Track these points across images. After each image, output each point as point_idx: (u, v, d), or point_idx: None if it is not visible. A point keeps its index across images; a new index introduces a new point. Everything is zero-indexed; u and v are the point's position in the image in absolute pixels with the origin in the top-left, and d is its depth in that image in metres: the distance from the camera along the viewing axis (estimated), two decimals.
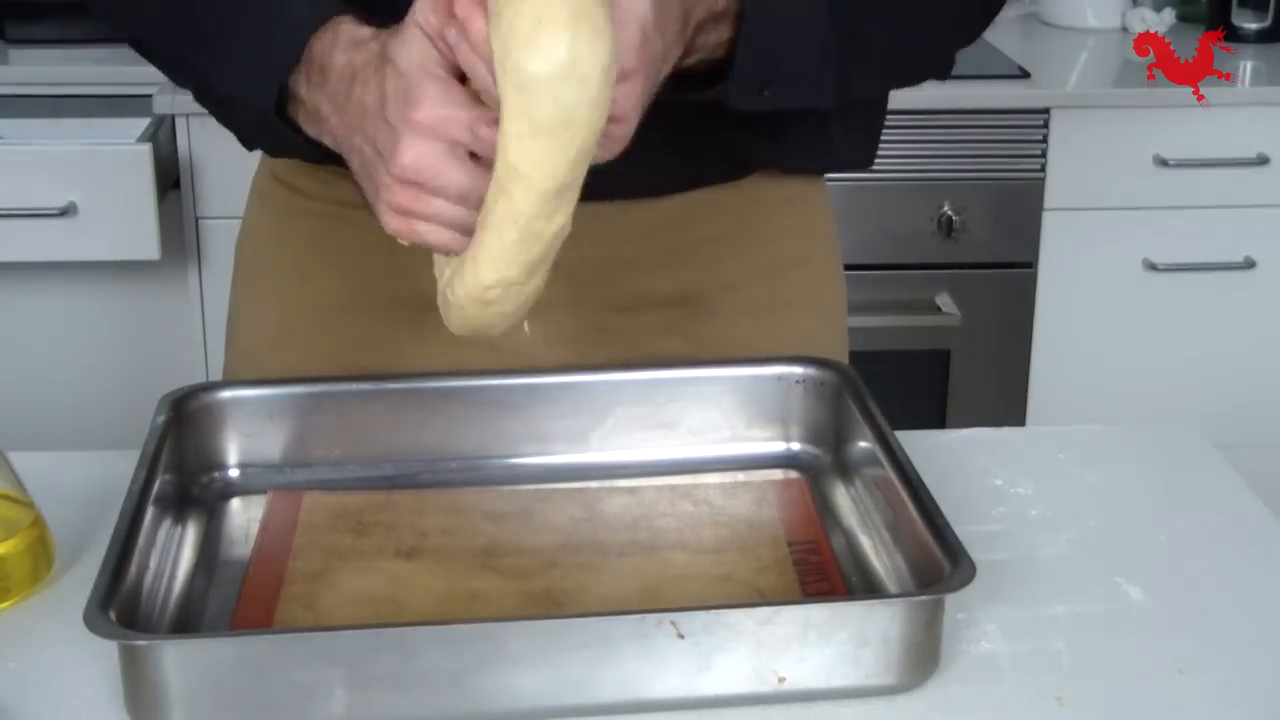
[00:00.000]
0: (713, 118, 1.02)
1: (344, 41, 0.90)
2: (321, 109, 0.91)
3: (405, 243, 0.88)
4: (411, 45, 0.84)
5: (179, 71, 1.06)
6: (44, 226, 2.11)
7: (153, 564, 0.90)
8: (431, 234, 0.86)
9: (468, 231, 0.86)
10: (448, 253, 0.88)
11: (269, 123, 0.94)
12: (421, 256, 1.10)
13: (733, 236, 1.13)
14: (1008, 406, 2.36)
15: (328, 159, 0.94)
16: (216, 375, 1.25)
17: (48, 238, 2.12)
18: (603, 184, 1.07)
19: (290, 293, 1.14)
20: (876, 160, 1.22)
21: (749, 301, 1.13)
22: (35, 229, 2.12)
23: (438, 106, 0.83)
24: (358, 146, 0.88)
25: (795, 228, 1.16)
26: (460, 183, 0.84)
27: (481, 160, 0.84)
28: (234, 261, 1.21)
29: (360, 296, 1.11)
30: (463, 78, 0.84)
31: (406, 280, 1.10)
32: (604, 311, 1.11)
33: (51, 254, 2.16)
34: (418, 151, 0.83)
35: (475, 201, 0.84)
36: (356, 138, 0.88)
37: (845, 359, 1.17)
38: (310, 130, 0.93)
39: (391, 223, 0.87)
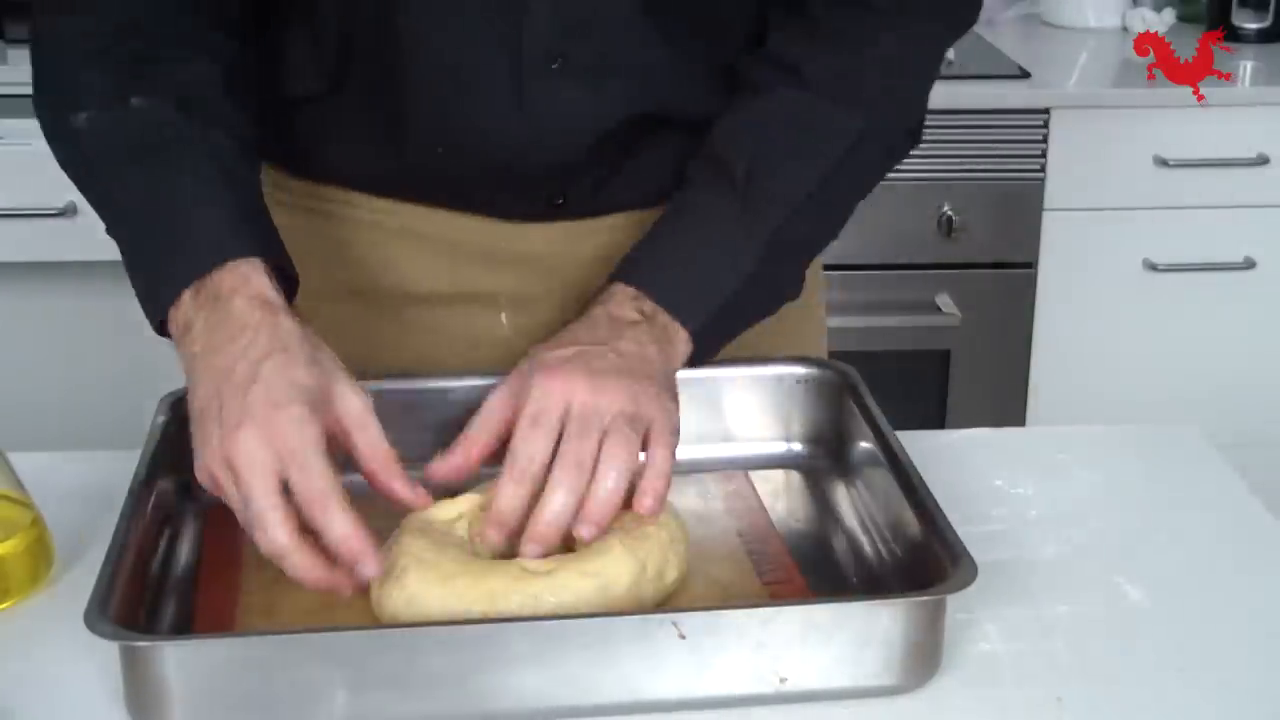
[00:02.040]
0: (694, 144, 1.05)
1: (244, 297, 0.89)
2: (194, 328, 0.89)
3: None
4: (306, 427, 0.83)
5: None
6: (44, 226, 2.11)
7: (153, 564, 0.90)
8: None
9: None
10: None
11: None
12: (403, 249, 1.11)
13: None
14: (1008, 406, 2.36)
15: None
16: None
17: (48, 238, 2.12)
18: (584, 206, 1.09)
19: None
20: None
21: None
22: (35, 229, 2.12)
23: (297, 464, 0.82)
24: (204, 411, 0.86)
25: None
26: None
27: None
28: None
29: (341, 288, 1.12)
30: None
31: (387, 272, 1.11)
32: (581, 303, 1.11)
33: (51, 254, 2.16)
34: (260, 479, 0.82)
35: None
36: (212, 405, 0.85)
37: (822, 351, 1.18)
38: (174, 330, 0.92)
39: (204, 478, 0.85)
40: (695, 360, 1.00)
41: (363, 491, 0.87)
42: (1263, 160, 2.27)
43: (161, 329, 0.93)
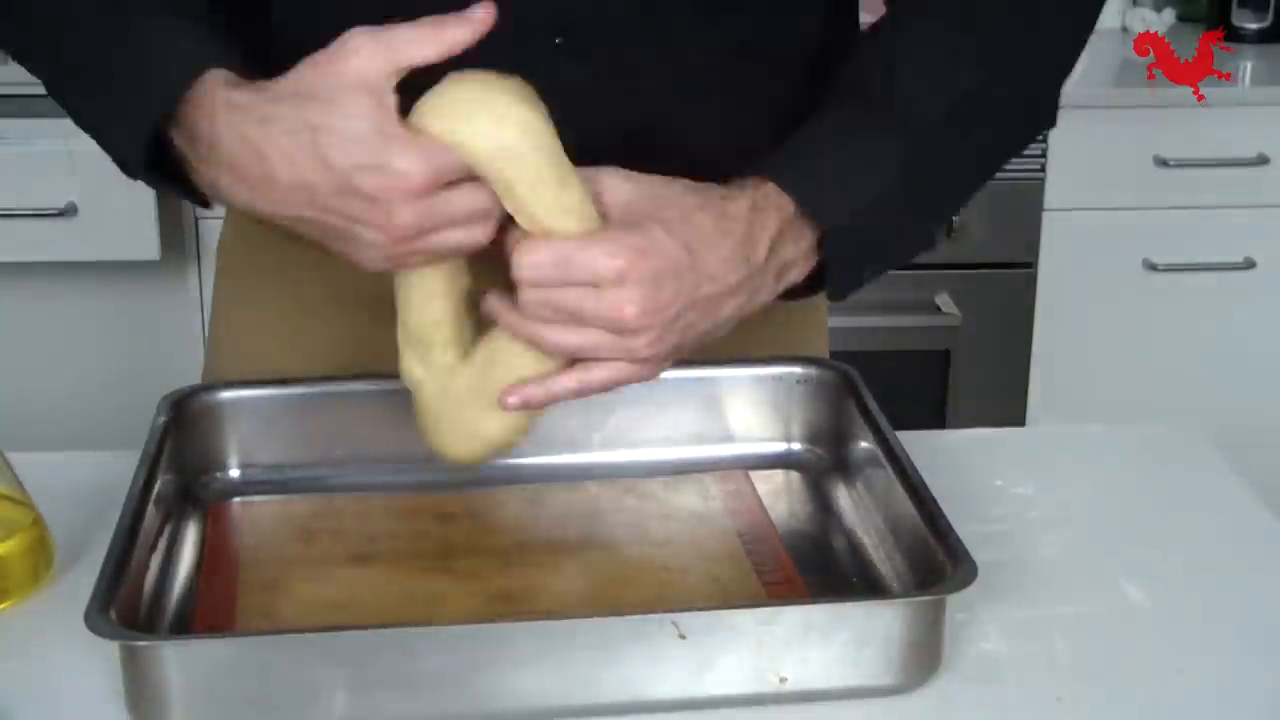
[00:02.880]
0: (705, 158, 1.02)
1: (222, 106, 0.86)
2: (220, 181, 0.87)
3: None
4: (355, 106, 0.83)
5: (48, 88, 0.99)
6: (44, 226, 2.11)
7: (153, 564, 0.90)
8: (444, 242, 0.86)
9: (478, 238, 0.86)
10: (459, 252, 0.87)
11: (133, 168, 0.91)
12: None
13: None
14: (1008, 406, 2.36)
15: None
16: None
17: (48, 238, 2.12)
18: None
19: (271, 290, 1.13)
20: None
21: None
22: (35, 229, 2.12)
23: (416, 163, 0.82)
24: (314, 220, 0.86)
25: None
26: (465, 207, 0.84)
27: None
28: (216, 259, 1.21)
29: (342, 294, 1.11)
30: None
31: (388, 278, 1.10)
32: None
33: (51, 254, 2.16)
34: (415, 211, 0.83)
35: (475, 226, 0.85)
36: (307, 212, 0.85)
37: (825, 352, 1.17)
38: (204, 186, 0.90)
39: (386, 265, 0.87)
40: (832, 287, 0.96)
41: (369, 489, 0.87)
42: (1263, 160, 2.27)
43: (133, 164, 0.91)
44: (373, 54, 0.84)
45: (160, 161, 0.90)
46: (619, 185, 0.90)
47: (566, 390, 0.89)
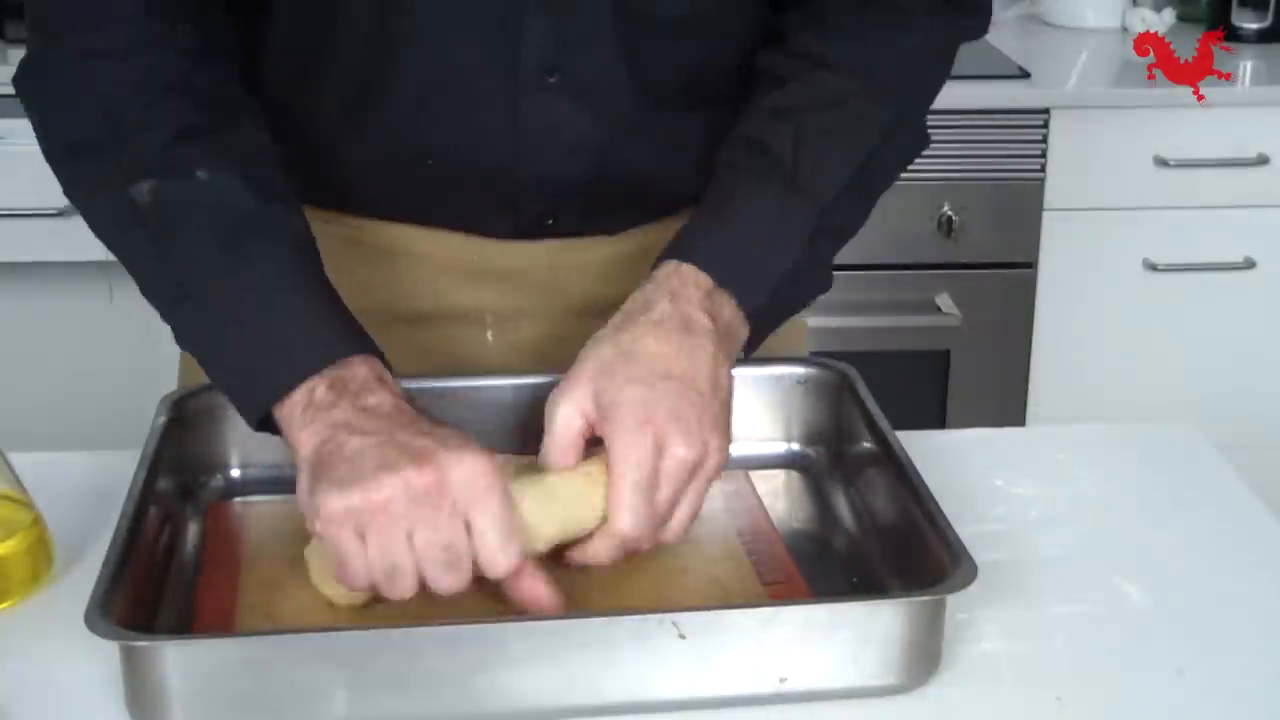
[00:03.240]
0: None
1: (388, 394, 0.87)
2: (333, 401, 0.86)
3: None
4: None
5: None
6: (44, 226, 2.11)
7: (153, 564, 0.90)
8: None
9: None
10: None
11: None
12: (405, 269, 1.10)
13: None
14: (1008, 406, 2.36)
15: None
16: None
17: (48, 238, 2.12)
18: (574, 226, 1.08)
19: None
20: None
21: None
22: (35, 229, 2.12)
23: (512, 556, 0.83)
24: (375, 505, 0.82)
25: None
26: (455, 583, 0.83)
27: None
28: None
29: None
30: None
31: (370, 293, 1.10)
32: (566, 318, 1.11)
33: (51, 254, 2.16)
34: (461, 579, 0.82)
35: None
36: (384, 492, 0.81)
37: (799, 340, 1.19)
38: (291, 410, 0.88)
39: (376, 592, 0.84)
40: (753, 345, 1.00)
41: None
42: (1263, 160, 2.27)
43: (260, 416, 0.90)
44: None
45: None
46: (569, 410, 0.90)
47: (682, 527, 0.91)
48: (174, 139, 0.92)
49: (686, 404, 0.89)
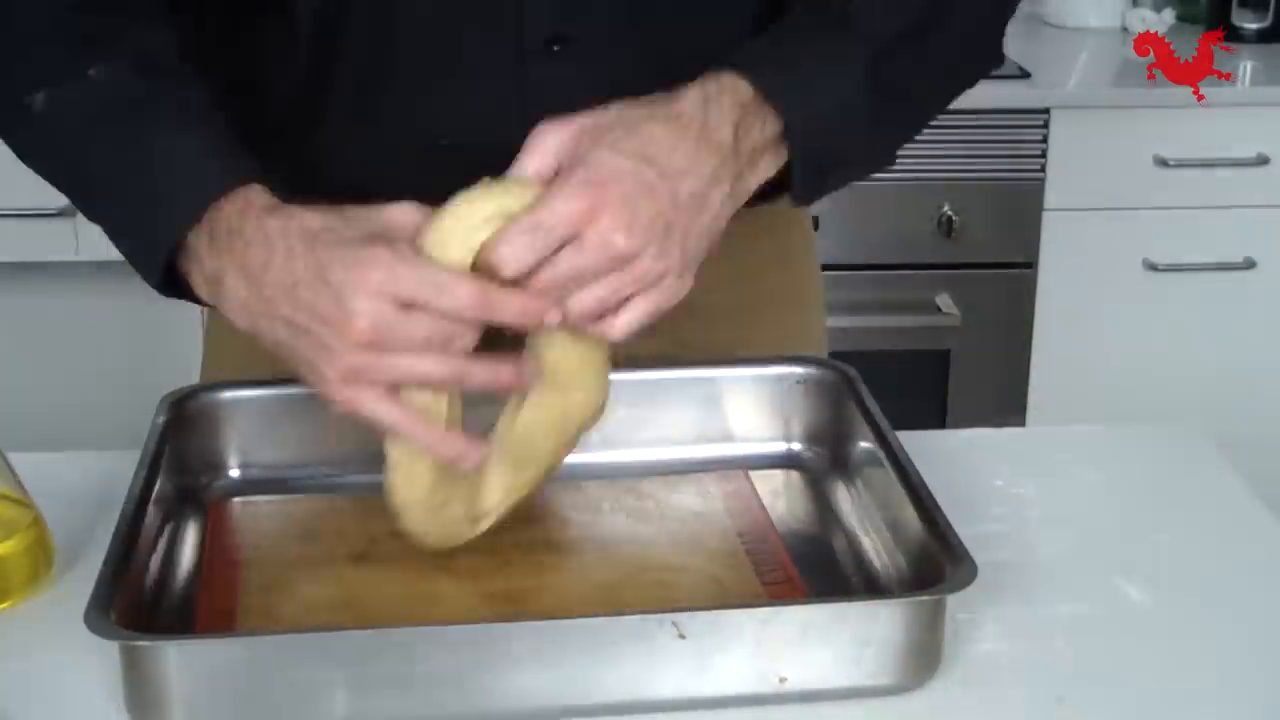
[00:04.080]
0: None
1: (257, 208, 0.87)
2: (226, 277, 0.86)
3: (348, 413, 0.85)
4: (366, 224, 0.84)
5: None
6: (44, 226, 2.11)
7: (153, 564, 0.90)
8: (383, 407, 0.84)
9: (427, 388, 0.85)
10: (396, 428, 0.85)
11: (153, 273, 0.91)
12: None
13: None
14: (1008, 406, 2.36)
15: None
16: None
17: (48, 238, 2.12)
18: None
19: None
20: None
21: (728, 303, 1.12)
22: (35, 229, 2.12)
23: (390, 270, 0.82)
24: (285, 318, 0.84)
25: (771, 229, 1.15)
26: (424, 333, 0.82)
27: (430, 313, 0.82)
28: None
29: None
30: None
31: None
32: None
33: (51, 254, 2.16)
34: (373, 310, 0.81)
35: (433, 357, 0.83)
36: (284, 309, 0.84)
37: (821, 346, 1.17)
38: (206, 297, 0.89)
39: (342, 392, 0.83)
40: (796, 189, 0.94)
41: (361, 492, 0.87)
42: (1263, 160, 2.27)
43: (165, 282, 0.90)
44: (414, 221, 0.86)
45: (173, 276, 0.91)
46: (551, 136, 0.88)
47: (618, 332, 0.87)
48: (70, 48, 0.93)
49: (650, 200, 0.84)
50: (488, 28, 1.00)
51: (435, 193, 1.08)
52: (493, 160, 1.04)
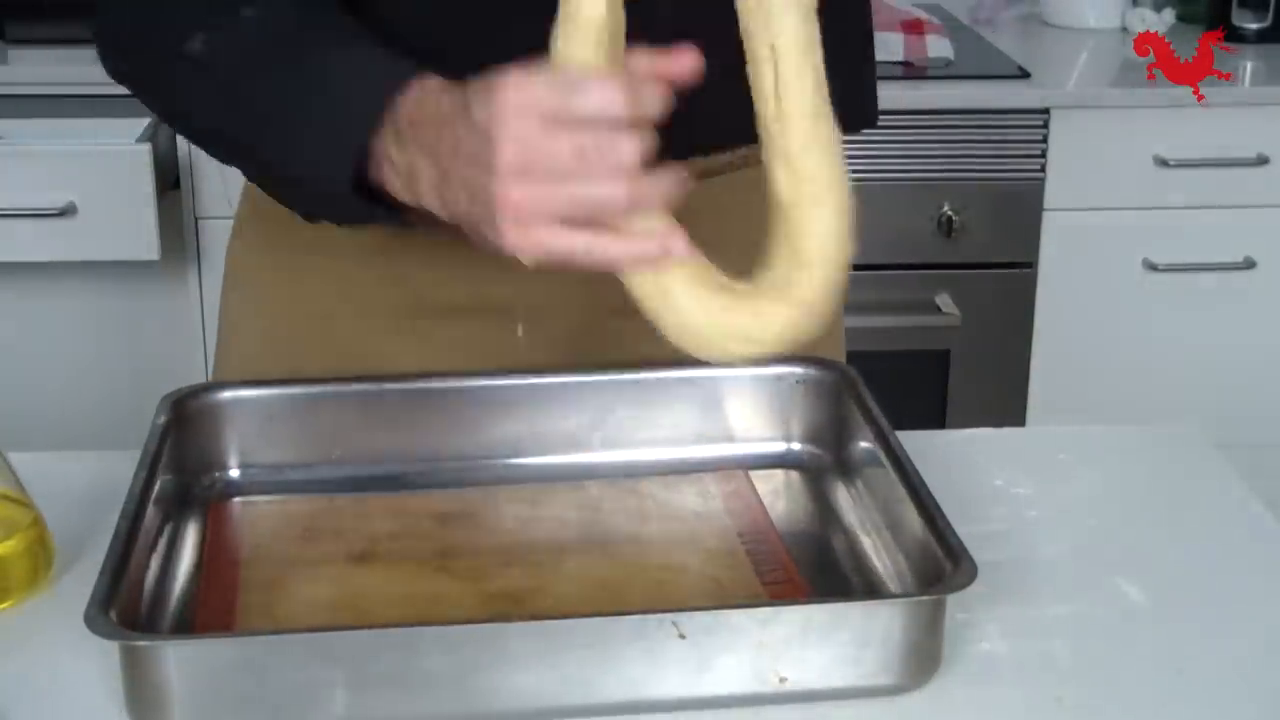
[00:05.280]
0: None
1: (432, 90, 0.86)
2: (417, 165, 0.85)
3: (532, 265, 0.82)
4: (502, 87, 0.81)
5: (230, 153, 0.99)
6: (44, 226, 2.11)
7: (153, 564, 0.90)
8: (561, 239, 0.81)
9: (595, 220, 0.81)
10: (590, 255, 0.82)
11: (343, 199, 0.89)
12: (414, 261, 1.09)
13: (726, 241, 1.13)
14: (1008, 406, 2.36)
15: (408, 225, 0.91)
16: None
17: (47, 238, 2.12)
18: None
19: (281, 300, 1.13)
20: (876, 160, 1.21)
21: None
22: (35, 229, 2.12)
23: (521, 88, 0.79)
24: (460, 178, 0.82)
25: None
26: (573, 146, 0.79)
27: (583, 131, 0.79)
28: (224, 267, 1.20)
29: (353, 304, 1.10)
30: None
31: (399, 287, 1.10)
32: (598, 315, 1.11)
33: (51, 254, 2.16)
34: (516, 133, 0.78)
35: (597, 175, 0.79)
36: (456, 172, 0.82)
37: (842, 359, 1.16)
38: (405, 194, 0.87)
39: (514, 238, 0.81)
40: None
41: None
42: (1263, 160, 2.27)
43: (355, 192, 0.88)
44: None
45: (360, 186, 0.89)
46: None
47: None
48: None
49: None
50: (538, 14, 0.99)
51: None
52: None
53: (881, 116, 1.19)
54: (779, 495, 1.02)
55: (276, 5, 0.93)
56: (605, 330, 1.11)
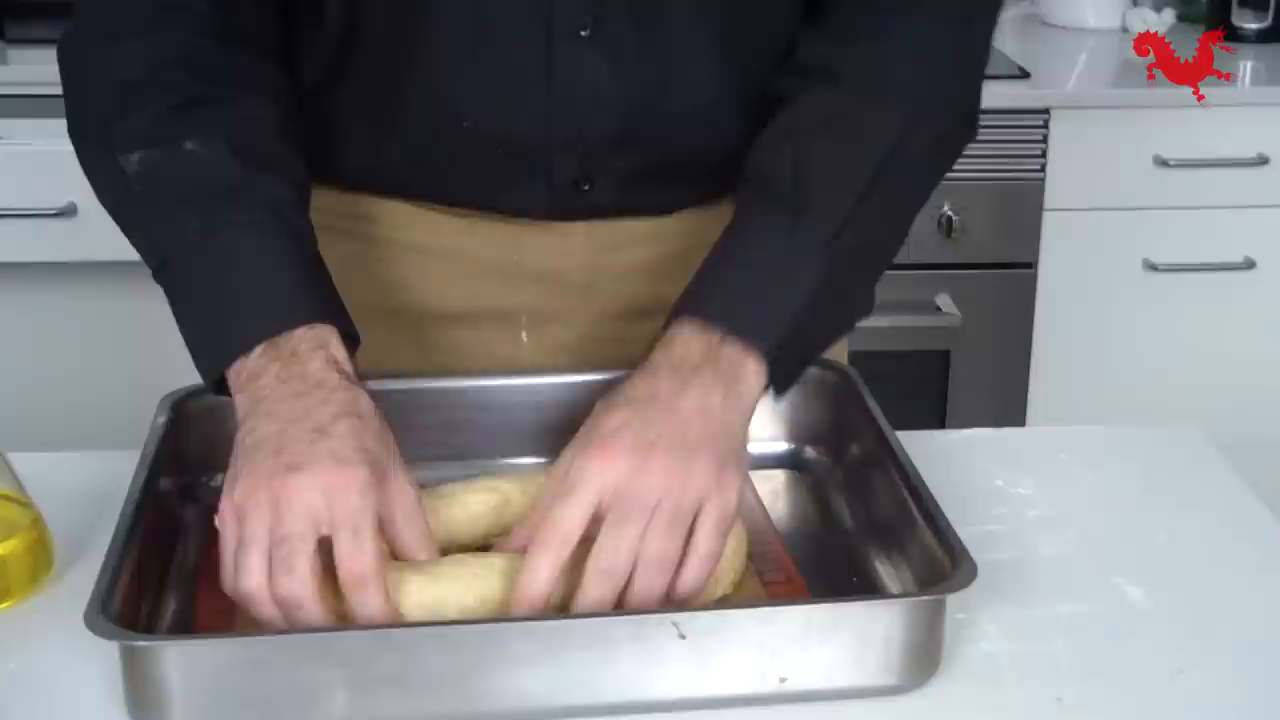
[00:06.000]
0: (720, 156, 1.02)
1: (322, 359, 0.88)
2: (264, 377, 0.88)
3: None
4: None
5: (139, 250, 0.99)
6: (44, 226, 2.11)
7: (153, 564, 0.90)
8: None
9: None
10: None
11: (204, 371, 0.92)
12: (413, 270, 1.09)
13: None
14: (1008, 406, 2.36)
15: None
16: None
17: (48, 238, 2.12)
18: (601, 206, 1.07)
19: None
20: None
21: None
22: (35, 229, 2.12)
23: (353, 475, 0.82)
24: (276, 432, 0.84)
25: None
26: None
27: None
28: None
29: (355, 309, 1.10)
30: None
31: (403, 291, 1.10)
32: (601, 321, 1.11)
33: (51, 254, 2.16)
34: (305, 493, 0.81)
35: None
36: (285, 428, 0.84)
37: (844, 359, 1.16)
38: (236, 378, 0.89)
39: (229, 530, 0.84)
40: (776, 388, 0.93)
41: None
42: (1263, 160, 2.27)
43: (215, 379, 0.91)
44: (411, 501, 0.86)
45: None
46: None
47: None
48: (170, 110, 0.94)
49: (655, 432, 0.85)
50: (519, 10, 0.99)
51: (453, 180, 1.07)
52: (512, 144, 1.03)
53: None
54: (779, 495, 1.02)
55: (220, 149, 0.93)
56: (607, 335, 1.11)
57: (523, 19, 0.99)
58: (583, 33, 1.00)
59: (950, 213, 2.24)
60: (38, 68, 2.25)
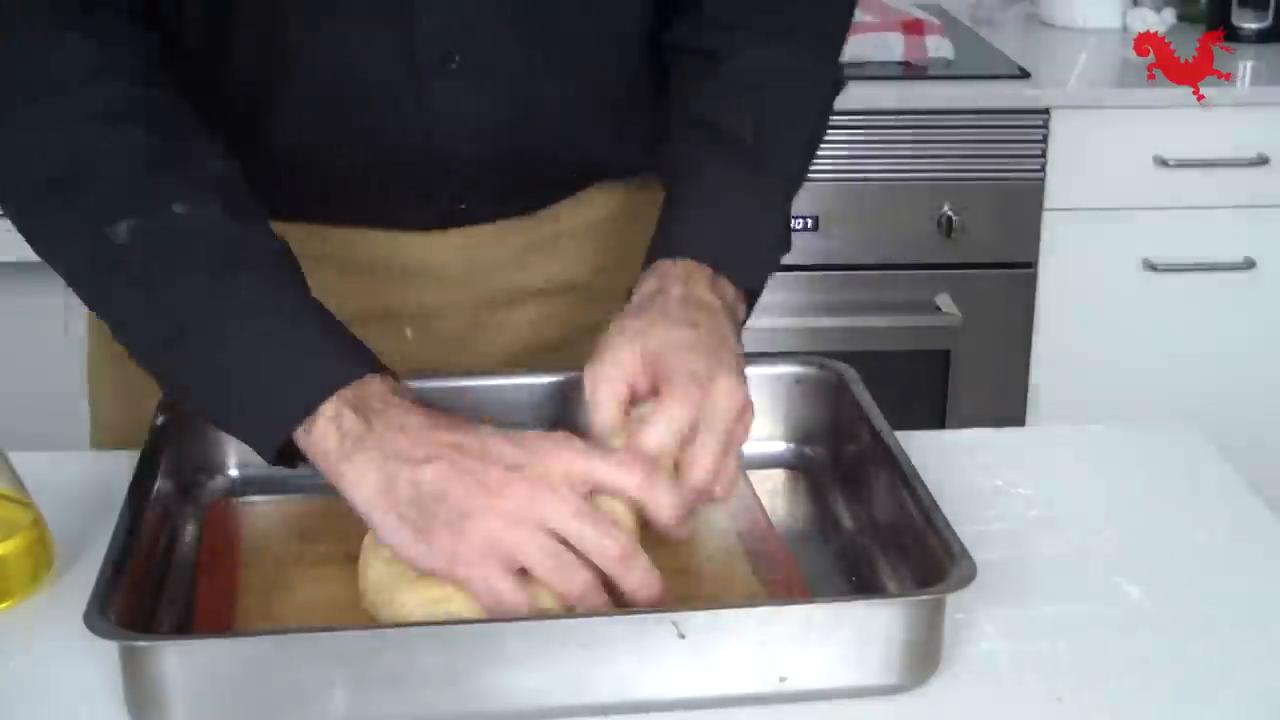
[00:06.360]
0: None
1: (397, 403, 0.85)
2: (346, 425, 0.84)
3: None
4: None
5: (131, 342, 0.92)
6: None
7: (153, 564, 0.90)
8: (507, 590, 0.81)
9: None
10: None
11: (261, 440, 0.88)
12: (322, 274, 1.07)
13: (598, 225, 1.15)
14: (1008, 406, 2.36)
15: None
16: None
17: None
18: (477, 218, 1.08)
19: None
20: (876, 160, 1.24)
21: (628, 283, 1.12)
22: None
23: (561, 459, 0.82)
24: (446, 472, 0.82)
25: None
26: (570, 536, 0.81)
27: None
28: None
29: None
30: None
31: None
32: (479, 310, 1.13)
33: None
34: (536, 489, 0.81)
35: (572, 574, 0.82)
36: (445, 455, 0.82)
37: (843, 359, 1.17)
38: (333, 455, 0.84)
39: (465, 567, 0.81)
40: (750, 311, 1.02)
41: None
42: (1263, 160, 2.27)
43: (280, 450, 0.87)
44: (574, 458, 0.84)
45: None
46: (619, 360, 0.91)
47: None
48: (144, 172, 0.89)
49: (723, 352, 0.91)
50: (382, 53, 1.00)
51: (332, 203, 1.07)
52: (388, 173, 1.04)
53: (882, 116, 1.20)
54: (779, 495, 1.02)
55: (208, 209, 0.89)
56: (489, 323, 1.13)
57: (391, 61, 1.00)
58: (451, 65, 1.01)
59: (950, 213, 2.25)
60: None
